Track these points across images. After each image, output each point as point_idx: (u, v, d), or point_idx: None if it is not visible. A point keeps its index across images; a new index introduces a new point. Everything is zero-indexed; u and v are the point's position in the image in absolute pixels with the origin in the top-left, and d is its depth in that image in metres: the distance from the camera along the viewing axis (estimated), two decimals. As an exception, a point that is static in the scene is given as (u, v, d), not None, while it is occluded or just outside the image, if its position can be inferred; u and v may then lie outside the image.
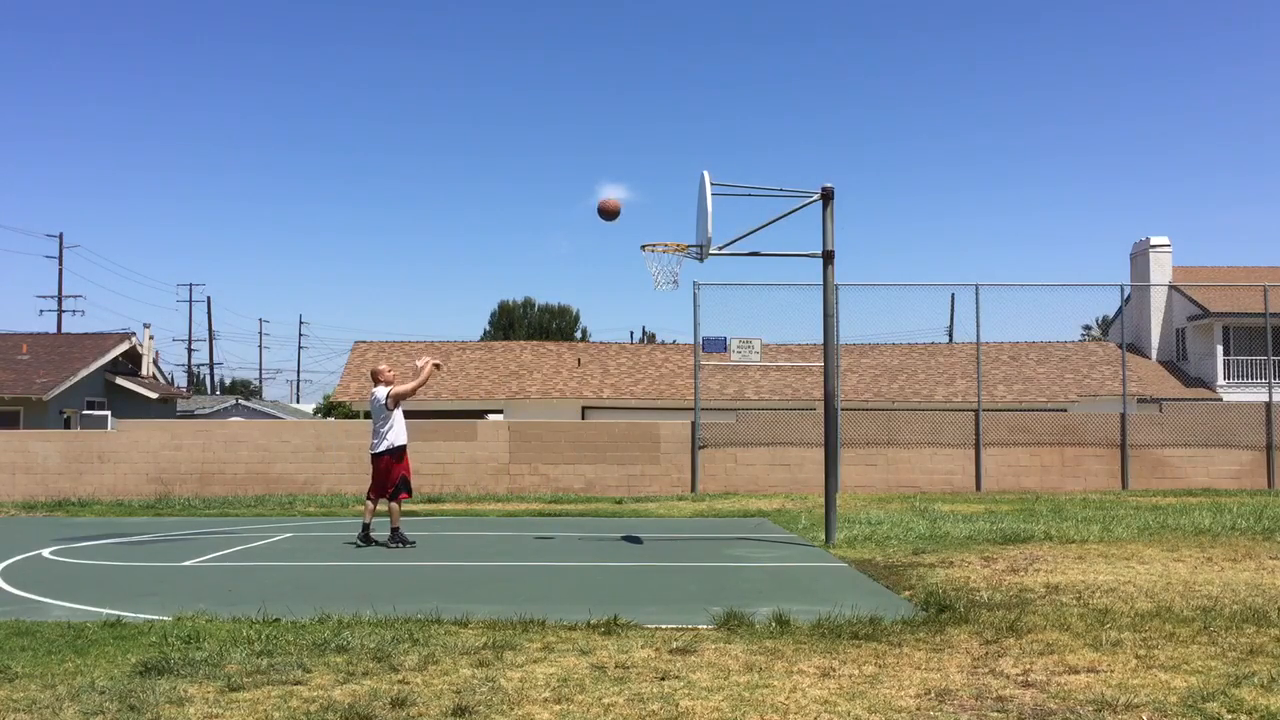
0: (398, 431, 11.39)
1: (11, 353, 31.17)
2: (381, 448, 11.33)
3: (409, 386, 11.49)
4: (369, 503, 11.56)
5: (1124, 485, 19.66)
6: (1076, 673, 5.13)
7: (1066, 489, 19.38)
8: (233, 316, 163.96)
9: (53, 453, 19.76)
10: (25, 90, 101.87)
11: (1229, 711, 4.42)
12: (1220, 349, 36.16)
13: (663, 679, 5.04)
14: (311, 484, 19.71)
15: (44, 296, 56.34)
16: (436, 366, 11.71)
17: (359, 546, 11.15)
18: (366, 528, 11.38)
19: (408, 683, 4.99)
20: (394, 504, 11.34)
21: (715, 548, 11.07)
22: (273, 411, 47.04)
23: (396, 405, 11.38)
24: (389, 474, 11.32)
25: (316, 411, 49.28)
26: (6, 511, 17.01)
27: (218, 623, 6.52)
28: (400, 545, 11.06)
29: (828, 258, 11.18)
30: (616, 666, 5.30)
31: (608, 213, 11.18)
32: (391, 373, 11.86)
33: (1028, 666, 5.26)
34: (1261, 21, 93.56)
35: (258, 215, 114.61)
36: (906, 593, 7.73)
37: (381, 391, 11.43)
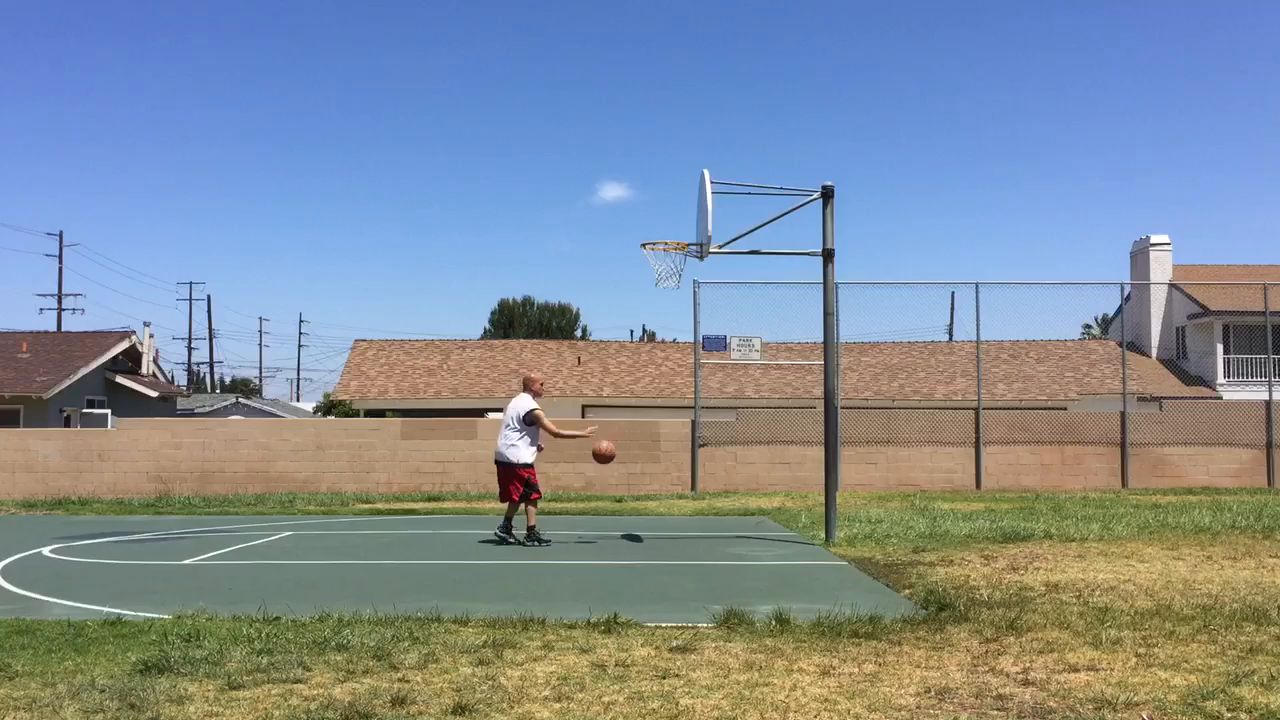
0: (530, 449, 11.27)
1: (12, 351, 31.18)
2: (509, 458, 11.20)
3: (550, 425, 11.35)
4: (525, 505, 11.29)
5: (1124, 483, 19.66)
6: (1076, 671, 5.13)
7: (1066, 487, 19.38)
8: (233, 315, 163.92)
9: (53, 451, 19.76)
10: (25, 89, 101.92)
11: (1229, 710, 4.42)
12: (1220, 347, 36.15)
13: (663, 677, 5.04)
14: (311, 482, 19.72)
15: (44, 295, 56.31)
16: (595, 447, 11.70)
17: (537, 546, 10.99)
18: (530, 529, 11.20)
19: (408, 681, 4.99)
20: (530, 506, 11.24)
21: (715, 546, 11.08)
22: (273, 410, 47.04)
23: (533, 424, 11.25)
24: (518, 479, 11.22)
25: (316, 410, 49.31)
26: (7, 510, 17.01)
27: (218, 621, 6.52)
28: (535, 543, 11.05)
29: (828, 256, 11.17)
30: (617, 665, 5.30)
31: (602, 457, 11.57)
32: (541, 384, 11.69)
33: (1028, 665, 5.26)
34: (1262, 19, 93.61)
35: (257, 213, 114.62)
36: (906, 591, 7.73)
37: (526, 403, 11.29)
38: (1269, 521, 12.02)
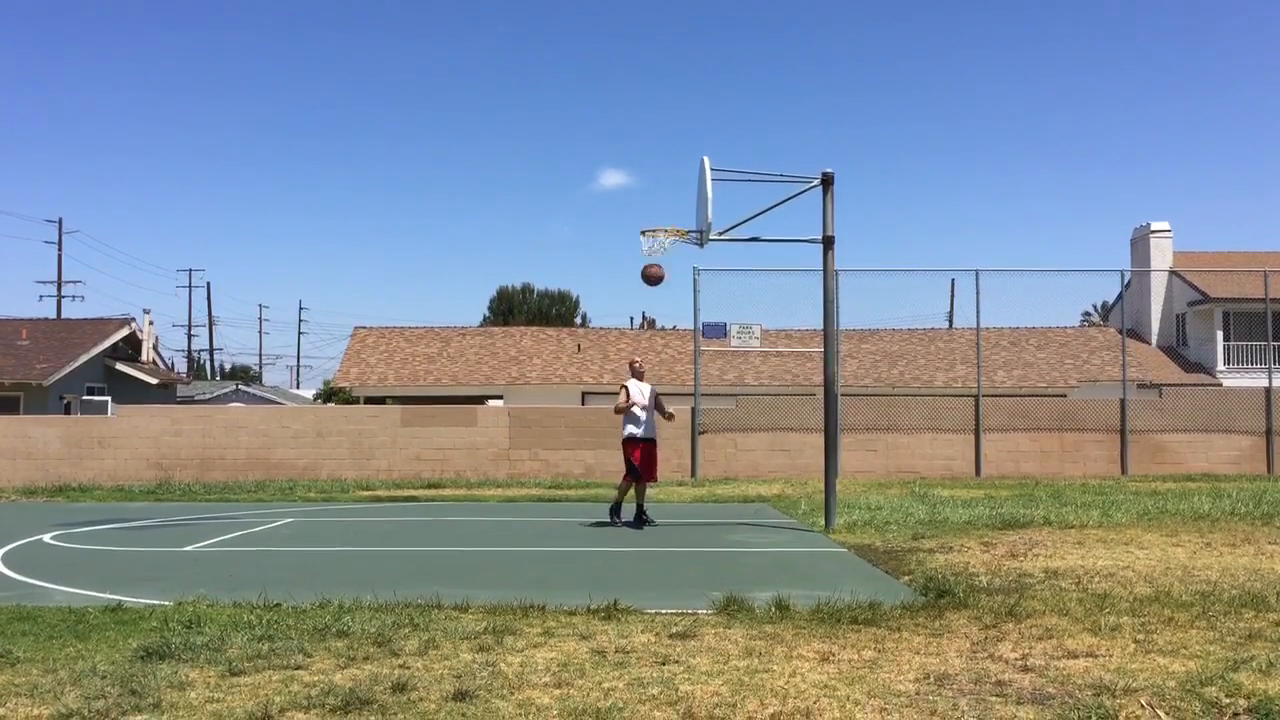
0: (629, 422, 11.78)
1: (11, 338, 31.16)
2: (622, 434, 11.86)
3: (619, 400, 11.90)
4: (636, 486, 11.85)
5: (1123, 470, 19.68)
6: (1075, 657, 5.15)
7: (1066, 474, 19.40)
8: (232, 302, 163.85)
9: (53, 438, 19.77)
10: (24, 76, 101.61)
11: (1227, 696, 4.43)
12: (1220, 334, 36.12)
13: (663, 663, 5.05)
14: (312, 469, 19.73)
15: (44, 282, 56.42)
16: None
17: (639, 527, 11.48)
18: (639, 510, 11.78)
19: (408, 667, 5.00)
20: (621, 484, 11.90)
21: (715, 533, 11.09)
22: (273, 397, 47.02)
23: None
24: (627, 458, 11.80)
25: (317, 397, 49.30)
26: (7, 497, 17.04)
27: (218, 607, 6.53)
28: (614, 523, 11.69)
29: (828, 243, 11.16)
30: (616, 651, 5.31)
31: (652, 279, 11.64)
32: (641, 364, 12.30)
33: (1027, 651, 5.27)
34: (1262, 6, 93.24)
35: (257, 200, 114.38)
36: (906, 578, 7.75)
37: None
38: (1268, 508, 12.03)
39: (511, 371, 31.77)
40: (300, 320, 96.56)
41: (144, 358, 34.98)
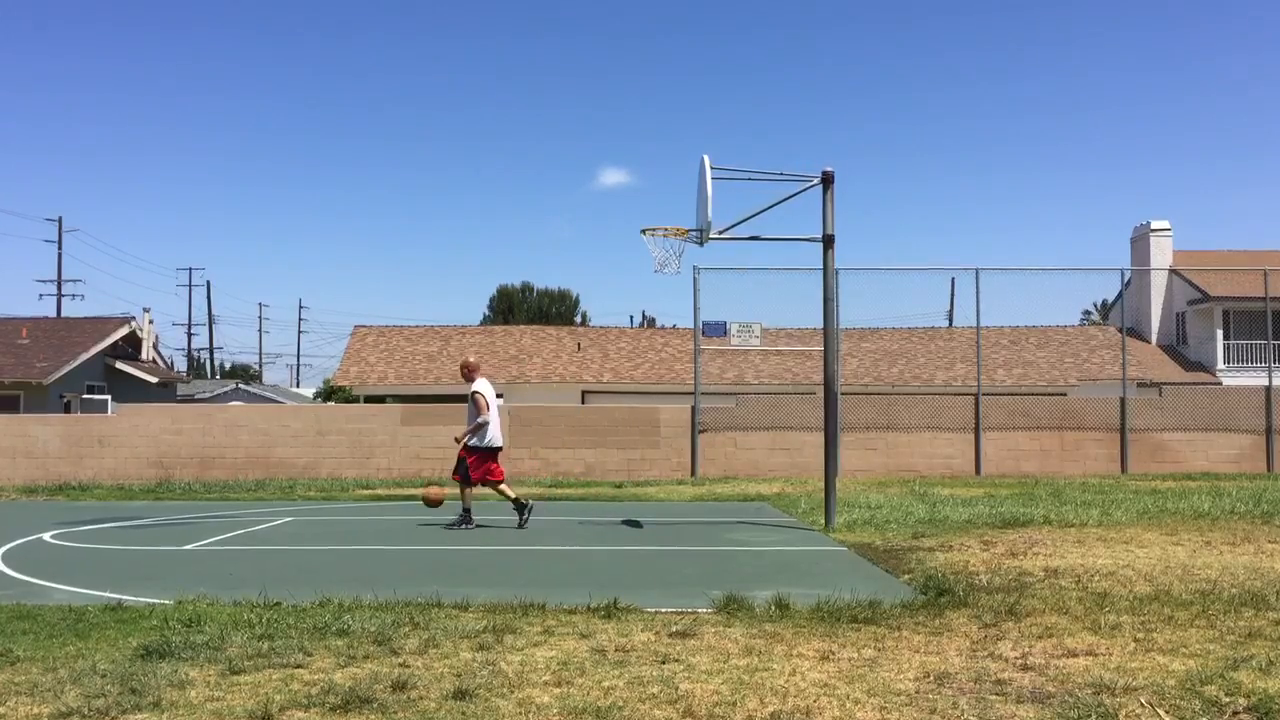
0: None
1: (11, 337, 31.15)
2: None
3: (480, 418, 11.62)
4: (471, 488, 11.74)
5: (1123, 469, 19.68)
6: (1075, 656, 5.15)
7: (1066, 473, 19.40)
8: (232, 300, 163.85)
9: (53, 437, 19.77)
10: (25, 74, 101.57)
11: (1227, 694, 4.43)
12: (1220, 333, 36.11)
13: (663, 662, 5.05)
14: (312, 468, 19.73)
15: (43, 280, 56.44)
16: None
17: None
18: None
19: (408, 666, 5.00)
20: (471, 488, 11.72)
21: (715, 531, 11.09)
22: (273, 396, 47.02)
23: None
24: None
25: (317, 396, 49.32)
26: (7, 495, 17.04)
27: (219, 606, 6.53)
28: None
29: (828, 242, 11.16)
30: (616, 650, 5.31)
31: (430, 502, 12.11)
32: (471, 366, 11.93)
33: (1026, 650, 5.28)
34: (1262, 4, 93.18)
35: (257, 199, 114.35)
36: (906, 576, 7.75)
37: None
38: (1268, 507, 12.03)
39: (511, 370, 31.77)
40: (300, 319, 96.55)
41: (144, 356, 34.98)
